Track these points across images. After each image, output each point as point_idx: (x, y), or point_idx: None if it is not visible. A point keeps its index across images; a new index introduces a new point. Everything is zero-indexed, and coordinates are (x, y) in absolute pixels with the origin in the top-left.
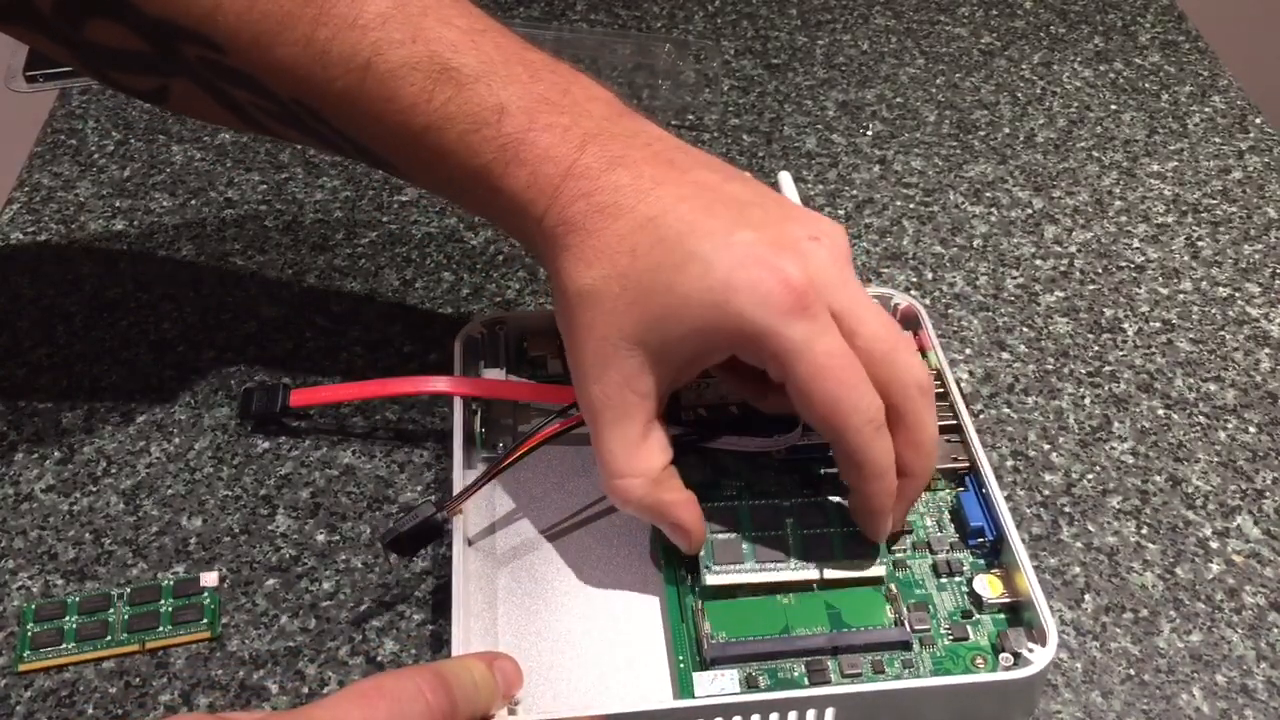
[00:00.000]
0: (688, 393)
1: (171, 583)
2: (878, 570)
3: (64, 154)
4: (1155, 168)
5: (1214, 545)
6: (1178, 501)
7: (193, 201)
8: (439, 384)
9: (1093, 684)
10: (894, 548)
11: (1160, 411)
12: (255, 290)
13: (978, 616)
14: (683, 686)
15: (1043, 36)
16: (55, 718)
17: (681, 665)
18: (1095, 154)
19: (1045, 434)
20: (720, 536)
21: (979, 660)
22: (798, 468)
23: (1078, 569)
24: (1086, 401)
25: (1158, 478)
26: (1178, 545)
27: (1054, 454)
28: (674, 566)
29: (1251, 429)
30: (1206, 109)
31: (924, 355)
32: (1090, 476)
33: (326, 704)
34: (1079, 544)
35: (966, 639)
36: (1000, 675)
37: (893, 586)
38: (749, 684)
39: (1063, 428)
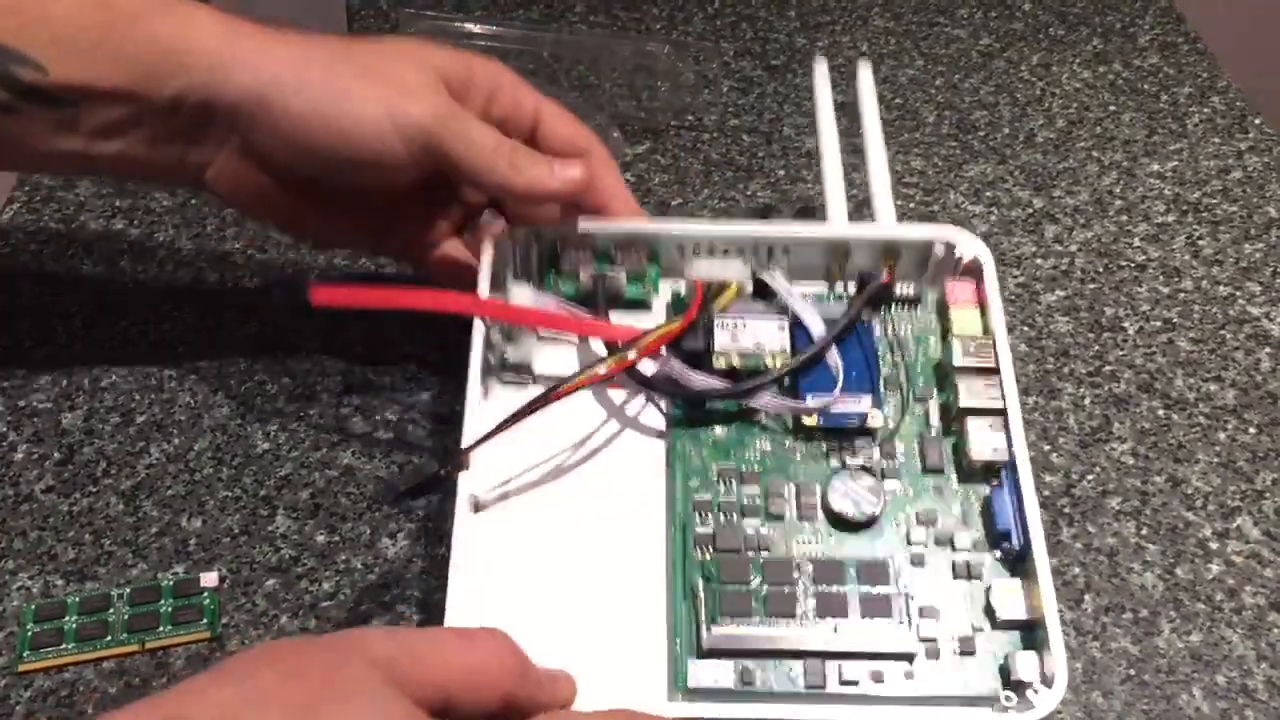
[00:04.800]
0: (720, 338)
1: (171, 583)
2: (903, 645)
3: None
4: (1155, 167)
5: (1214, 546)
6: (1178, 502)
7: (193, 201)
8: (472, 303)
9: (1093, 684)
10: (913, 540)
11: (1160, 412)
12: (255, 290)
13: (989, 631)
14: (677, 675)
15: (1042, 38)
16: (55, 718)
17: (679, 650)
18: (1095, 154)
19: (1045, 434)
20: (729, 588)
21: (982, 679)
22: (829, 437)
23: (1078, 569)
24: (1086, 401)
25: (1158, 478)
26: (1178, 546)
27: (1054, 454)
28: (684, 529)
29: (1251, 429)
30: (1206, 109)
31: (982, 312)
32: (1090, 477)
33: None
34: (1079, 544)
35: (973, 654)
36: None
37: (909, 587)
38: (744, 679)
39: (1063, 428)
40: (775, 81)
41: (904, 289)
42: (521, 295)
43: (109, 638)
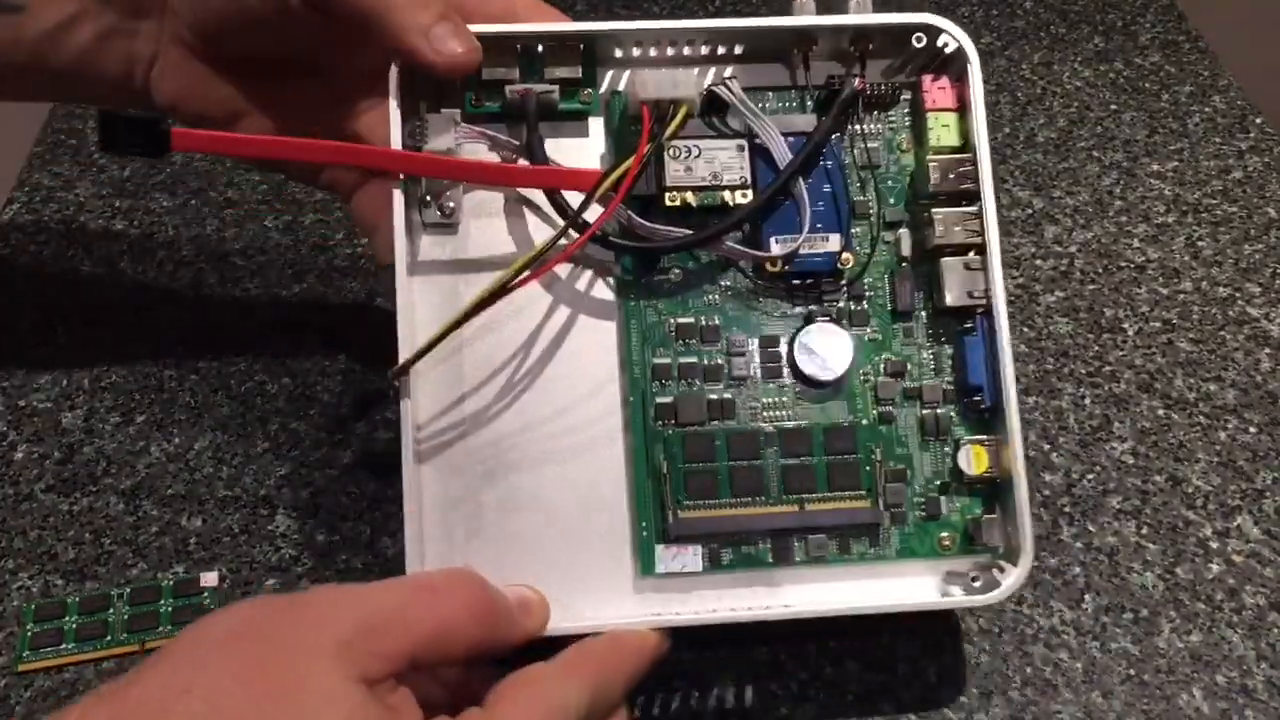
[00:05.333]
0: (673, 171)
1: (171, 583)
2: (865, 504)
3: (64, 154)
4: (1155, 167)
5: (1214, 545)
6: (1178, 501)
7: (193, 201)
8: (383, 156)
9: (1093, 684)
10: (882, 396)
11: (1160, 411)
12: (255, 290)
13: (954, 494)
14: (644, 561)
15: (1043, 36)
16: None
17: (645, 534)
18: (1095, 154)
19: (1045, 434)
20: (694, 466)
21: (945, 541)
22: (794, 281)
23: (1078, 569)
24: (1086, 401)
25: (1158, 478)
26: (1178, 545)
27: (1054, 454)
28: (643, 407)
29: (1251, 429)
30: (1207, 109)
31: (962, 116)
32: (1090, 476)
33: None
34: (1079, 544)
35: (939, 516)
36: (963, 599)
37: (877, 451)
38: (711, 560)
39: (1063, 428)
40: None
41: (875, 90)
42: (442, 137)
43: (109, 638)
